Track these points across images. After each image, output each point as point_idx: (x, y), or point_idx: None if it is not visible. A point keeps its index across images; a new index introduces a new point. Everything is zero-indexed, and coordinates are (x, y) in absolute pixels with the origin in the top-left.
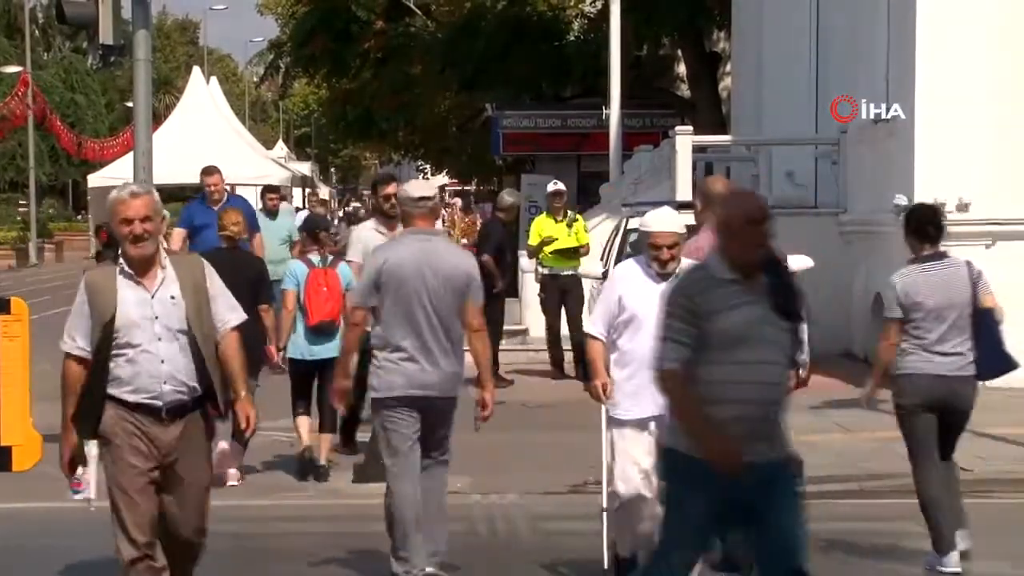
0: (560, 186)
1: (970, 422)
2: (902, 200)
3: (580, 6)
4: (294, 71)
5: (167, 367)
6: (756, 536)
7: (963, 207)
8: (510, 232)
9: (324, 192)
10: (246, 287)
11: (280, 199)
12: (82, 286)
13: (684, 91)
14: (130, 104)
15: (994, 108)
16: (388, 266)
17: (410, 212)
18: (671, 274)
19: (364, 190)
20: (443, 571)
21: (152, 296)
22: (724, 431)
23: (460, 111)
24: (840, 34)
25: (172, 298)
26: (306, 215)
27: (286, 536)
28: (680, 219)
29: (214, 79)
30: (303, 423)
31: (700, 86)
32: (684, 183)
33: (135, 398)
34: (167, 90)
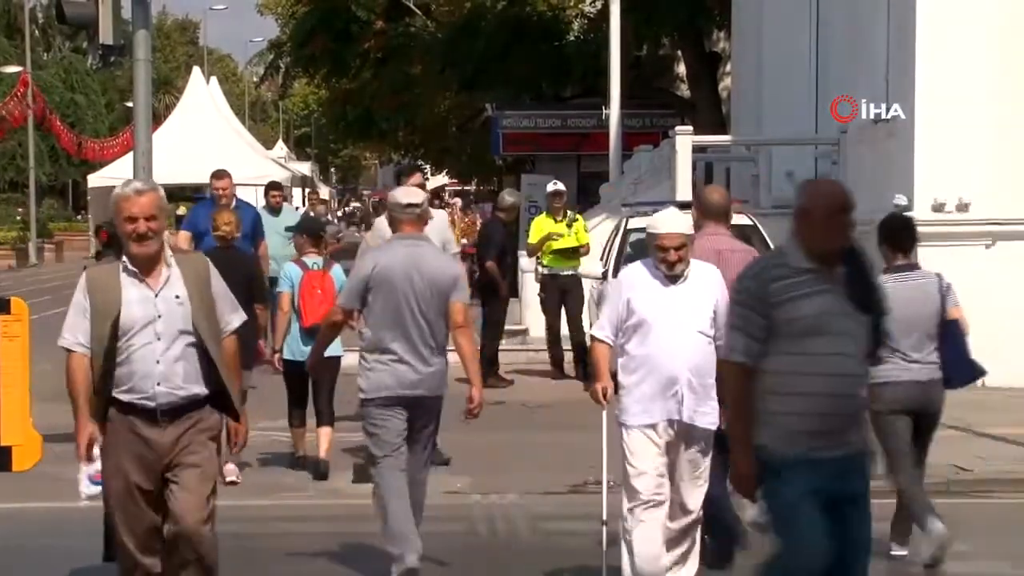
0: (560, 186)
1: (969, 422)
2: (902, 200)
3: (580, 6)
4: (294, 71)
5: (162, 368)
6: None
7: (963, 207)
8: (510, 232)
9: (324, 192)
10: (239, 286)
11: (283, 197)
12: (82, 282)
13: (684, 91)
14: (130, 104)
15: (994, 108)
16: (377, 270)
17: (398, 217)
18: (679, 276)
19: (364, 190)
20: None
21: (156, 295)
22: (755, 448)
23: (460, 111)
24: (840, 34)
25: (177, 297)
26: (302, 216)
27: (286, 536)
28: (687, 220)
29: (214, 79)
30: (299, 434)
31: (700, 86)
32: (684, 183)
33: (128, 398)
34: (167, 90)
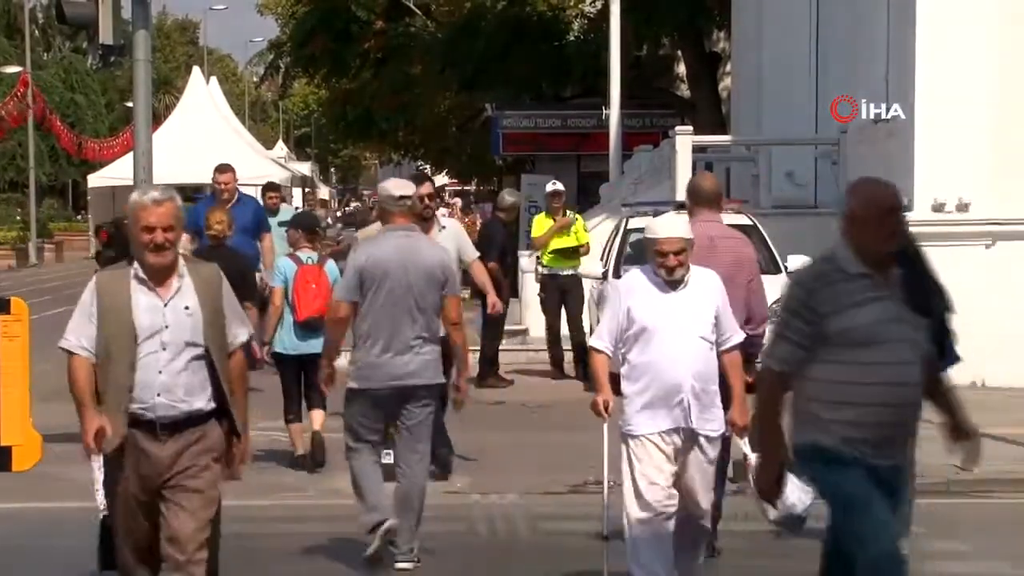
0: (559, 186)
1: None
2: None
3: (580, 6)
4: (294, 71)
5: (164, 378)
6: None
7: (963, 207)
8: (510, 232)
9: (324, 192)
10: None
11: (280, 199)
12: (92, 287)
13: (684, 91)
14: (130, 104)
15: (994, 108)
16: (370, 262)
17: (390, 210)
18: (679, 281)
19: (364, 190)
20: (417, 563)
21: (165, 304)
22: (781, 461)
23: (460, 111)
24: (840, 34)
25: (187, 308)
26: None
27: (286, 536)
28: (687, 224)
29: (214, 79)
30: (296, 430)
31: (700, 86)
32: (684, 183)
33: (129, 408)
34: (167, 90)
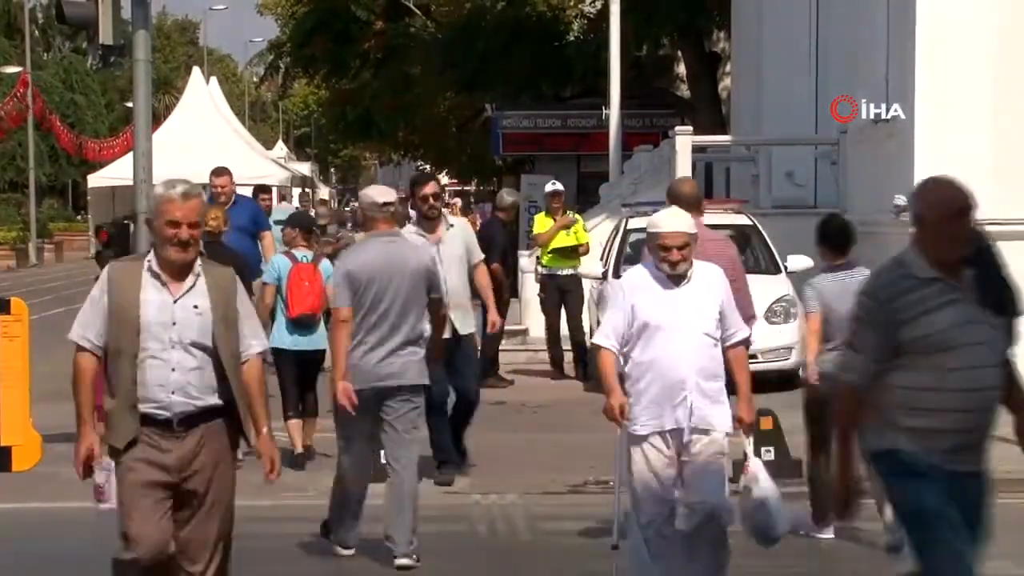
0: (558, 186)
1: None
2: (902, 200)
3: (580, 6)
4: (294, 71)
5: (177, 376)
6: None
7: None
8: (510, 232)
9: (324, 192)
10: None
11: (270, 198)
12: (104, 277)
13: (684, 91)
14: (130, 104)
15: (994, 108)
16: (355, 267)
17: (373, 216)
18: (682, 276)
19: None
20: (417, 562)
21: (175, 301)
22: (857, 481)
23: (460, 111)
24: (840, 34)
25: (195, 307)
26: (293, 211)
27: (286, 536)
28: (689, 218)
29: (214, 79)
30: (294, 427)
31: (700, 86)
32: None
33: (142, 408)
34: (167, 90)
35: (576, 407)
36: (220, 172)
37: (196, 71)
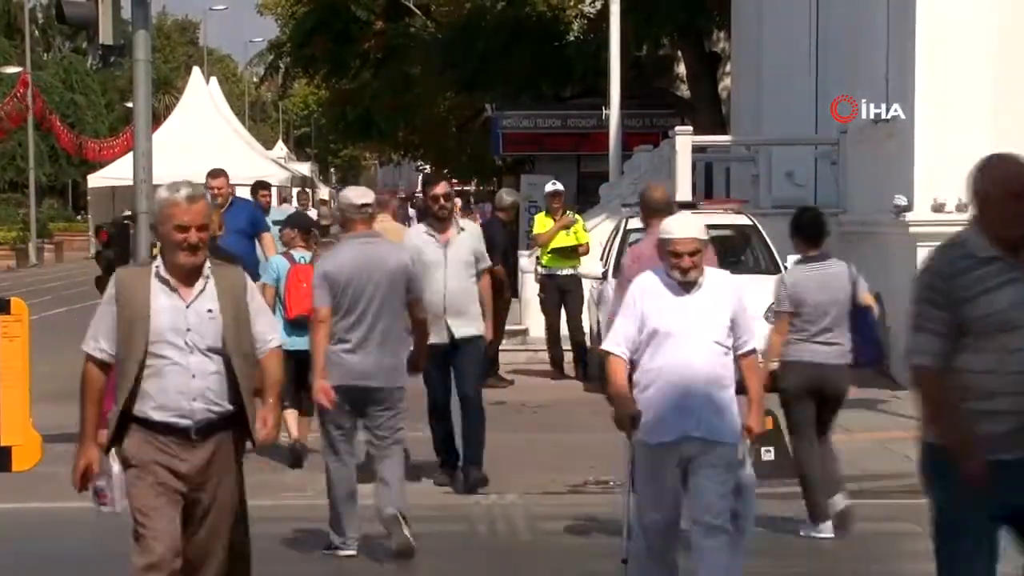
0: (558, 186)
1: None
2: (902, 200)
3: (580, 6)
4: (294, 71)
5: (199, 383)
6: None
7: (963, 207)
8: (510, 232)
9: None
10: None
11: (269, 195)
12: (112, 286)
13: (684, 91)
14: (130, 104)
15: (994, 108)
16: (332, 268)
17: (352, 217)
18: (693, 283)
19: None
20: (406, 522)
21: (187, 306)
22: (978, 437)
23: (460, 111)
24: (840, 34)
25: (209, 311)
26: (292, 211)
27: (286, 536)
28: (702, 224)
29: (214, 79)
30: (290, 416)
31: (700, 86)
32: (684, 183)
33: (160, 416)
34: (167, 90)
35: (576, 407)
36: (216, 174)
37: (196, 71)
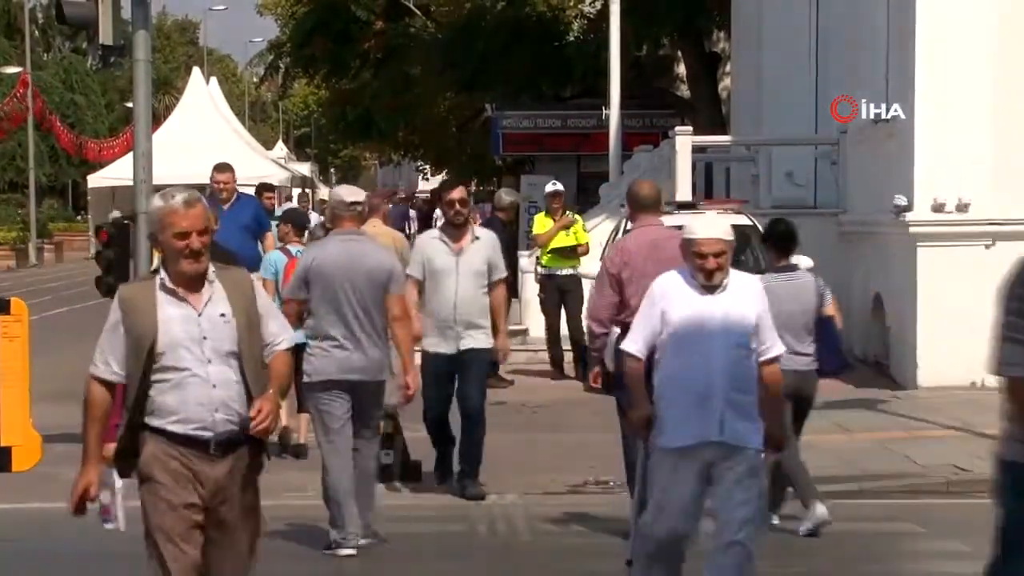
0: (558, 187)
1: (969, 422)
2: (902, 200)
3: (580, 7)
4: (294, 71)
5: (220, 393)
6: None
7: (963, 207)
8: (510, 232)
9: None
10: None
11: (274, 197)
12: (116, 302)
13: (684, 91)
14: (130, 104)
15: (994, 108)
16: (316, 264)
17: (340, 215)
18: (718, 286)
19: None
20: (374, 538)
21: (199, 314)
22: None
23: (460, 111)
24: (840, 34)
25: (222, 315)
26: (287, 207)
27: (286, 536)
28: (727, 225)
29: (214, 79)
30: (286, 406)
31: (700, 86)
32: (684, 183)
33: (182, 429)
34: (167, 90)
35: (576, 407)
36: (223, 168)
37: (196, 71)
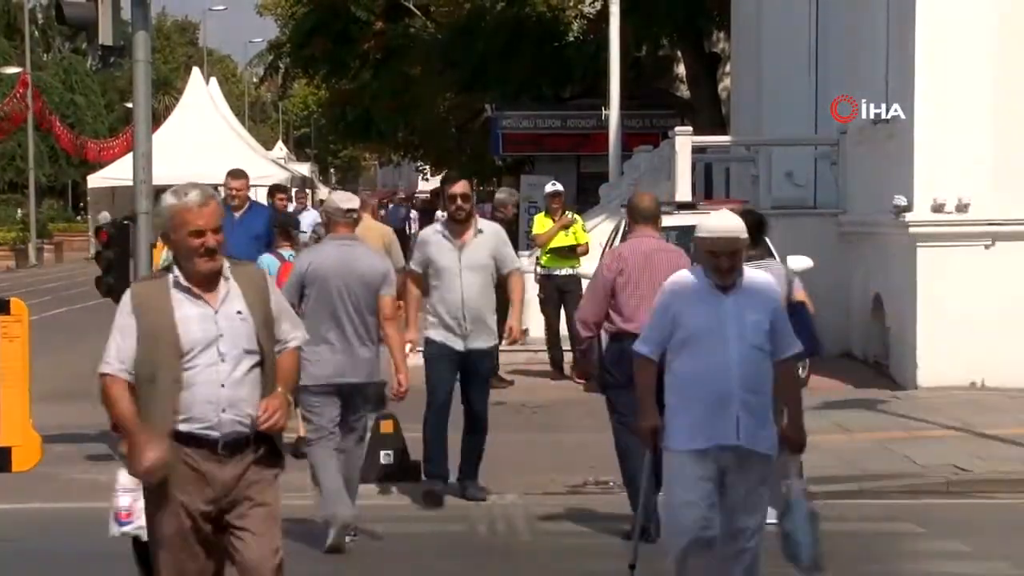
0: (558, 187)
1: (969, 422)
2: (902, 201)
3: (579, 7)
4: (293, 72)
5: (227, 392)
6: None
7: (963, 207)
8: (510, 232)
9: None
10: None
11: (286, 198)
12: (127, 302)
13: (683, 92)
14: (130, 105)
15: (994, 108)
16: (312, 268)
17: (336, 220)
18: (732, 286)
19: (364, 191)
20: (355, 537)
21: (216, 311)
22: None
23: (460, 112)
24: (840, 34)
25: (239, 313)
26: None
27: (287, 536)
28: (742, 223)
29: (214, 80)
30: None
31: (699, 86)
32: (684, 184)
33: (187, 428)
34: (167, 91)
35: (576, 407)
36: (238, 175)
37: (196, 72)
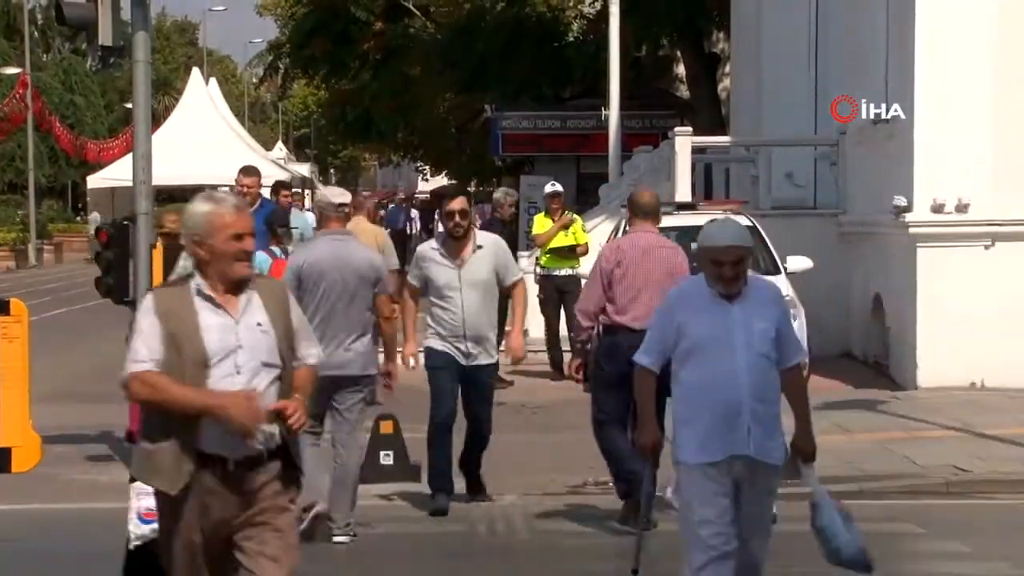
0: (557, 187)
1: (969, 423)
2: (902, 201)
3: (579, 7)
4: (293, 72)
5: None
6: None
7: (963, 207)
8: (510, 232)
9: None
10: None
11: (291, 195)
12: (149, 305)
13: (683, 92)
14: (129, 105)
15: (994, 108)
16: (307, 264)
17: (328, 215)
18: (736, 294)
19: (364, 191)
20: (353, 536)
21: (237, 322)
22: None
23: (459, 112)
24: (840, 34)
25: (259, 325)
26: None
27: None
28: (745, 231)
29: (213, 80)
30: None
31: (699, 87)
32: (684, 184)
33: (199, 445)
34: (166, 91)
35: (576, 408)
36: (250, 172)
37: (195, 72)
